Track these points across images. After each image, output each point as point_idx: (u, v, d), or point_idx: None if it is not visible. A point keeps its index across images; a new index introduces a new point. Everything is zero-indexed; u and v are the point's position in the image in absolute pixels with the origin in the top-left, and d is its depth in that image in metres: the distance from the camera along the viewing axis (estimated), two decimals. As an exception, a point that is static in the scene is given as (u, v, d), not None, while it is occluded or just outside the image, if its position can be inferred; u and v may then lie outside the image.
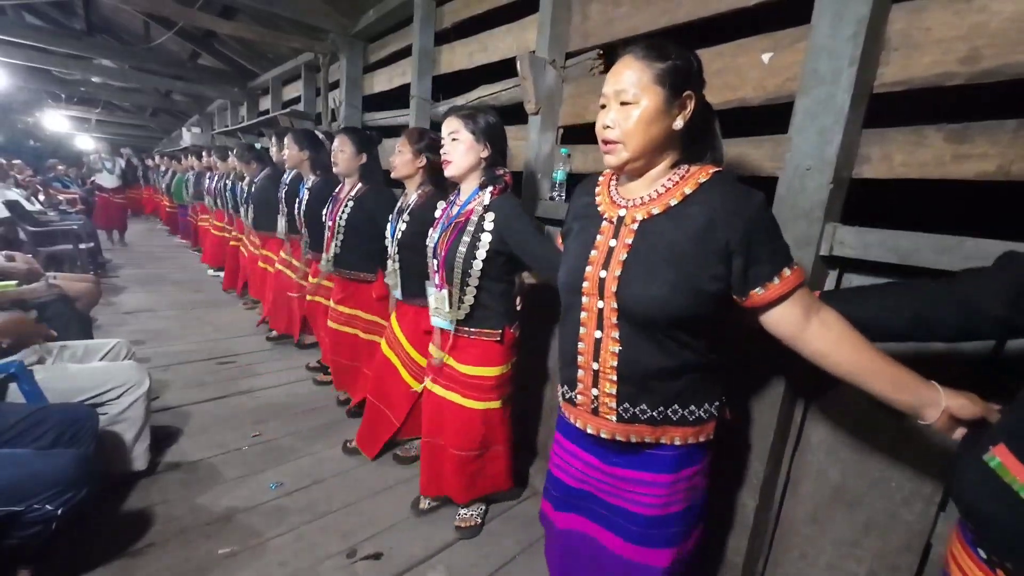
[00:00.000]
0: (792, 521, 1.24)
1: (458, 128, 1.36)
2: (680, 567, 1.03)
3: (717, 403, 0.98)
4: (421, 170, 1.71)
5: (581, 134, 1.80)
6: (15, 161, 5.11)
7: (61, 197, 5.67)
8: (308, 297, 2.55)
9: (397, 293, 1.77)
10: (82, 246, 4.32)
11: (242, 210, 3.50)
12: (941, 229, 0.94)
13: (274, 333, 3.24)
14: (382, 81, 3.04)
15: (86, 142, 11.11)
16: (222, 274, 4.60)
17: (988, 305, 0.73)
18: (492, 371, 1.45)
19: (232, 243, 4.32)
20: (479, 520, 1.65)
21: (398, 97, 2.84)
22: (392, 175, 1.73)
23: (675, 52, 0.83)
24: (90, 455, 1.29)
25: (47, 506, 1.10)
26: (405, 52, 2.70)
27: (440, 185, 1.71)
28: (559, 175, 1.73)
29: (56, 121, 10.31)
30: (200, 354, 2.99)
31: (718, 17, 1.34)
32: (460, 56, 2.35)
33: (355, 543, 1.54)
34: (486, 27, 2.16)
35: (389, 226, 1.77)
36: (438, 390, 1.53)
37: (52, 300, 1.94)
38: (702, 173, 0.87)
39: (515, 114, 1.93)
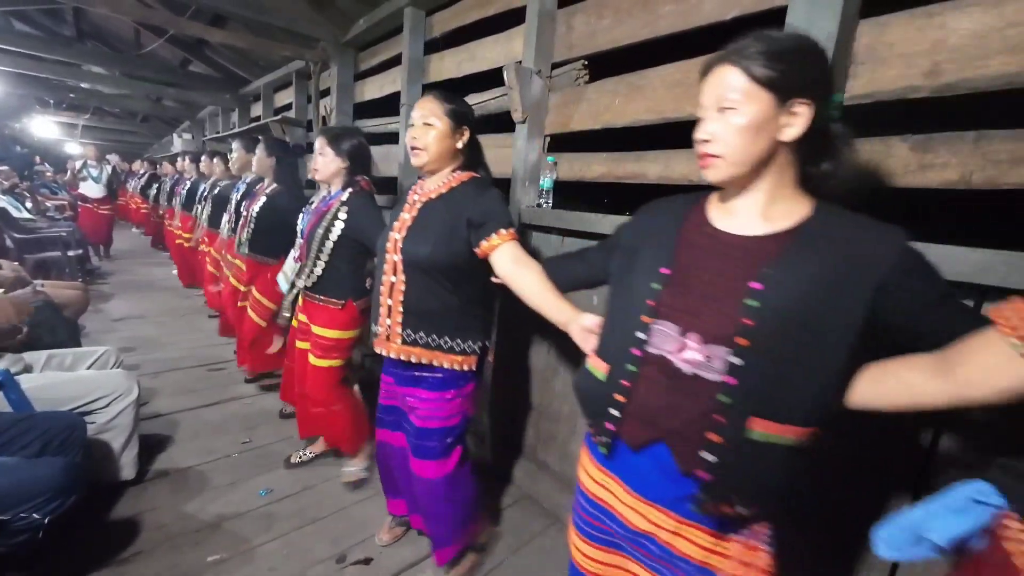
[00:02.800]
0: None
1: (322, 146, 1.71)
2: (445, 483, 1.36)
3: (480, 343, 1.34)
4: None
5: (567, 142, 1.84)
6: (1, 168, 5.05)
7: (49, 203, 5.62)
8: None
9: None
10: (70, 253, 4.29)
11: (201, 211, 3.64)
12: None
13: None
14: (373, 89, 3.07)
15: (75, 148, 11.02)
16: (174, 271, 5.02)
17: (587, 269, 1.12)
18: (333, 333, 1.71)
19: (178, 241, 4.61)
20: (366, 473, 1.92)
21: (388, 105, 2.87)
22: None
23: None
24: (78, 463, 1.29)
25: (34, 515, 1.11)
26: (395, 61, 2.73)
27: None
28: (546, 183, 1.77)
29: (44, 127, 10.23)
30: (190, 360, 2.98)
31: (697, 30, 1.38)
32: (449, 65, 2.38)
33: (345, 548, 1.55)
34: (475, 37, 2.20)
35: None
36: (302, 345, 1.85)
37: (39, 308, 1.94)
38: (465, 176, 1.30)
39: (503, 122, 1.96)
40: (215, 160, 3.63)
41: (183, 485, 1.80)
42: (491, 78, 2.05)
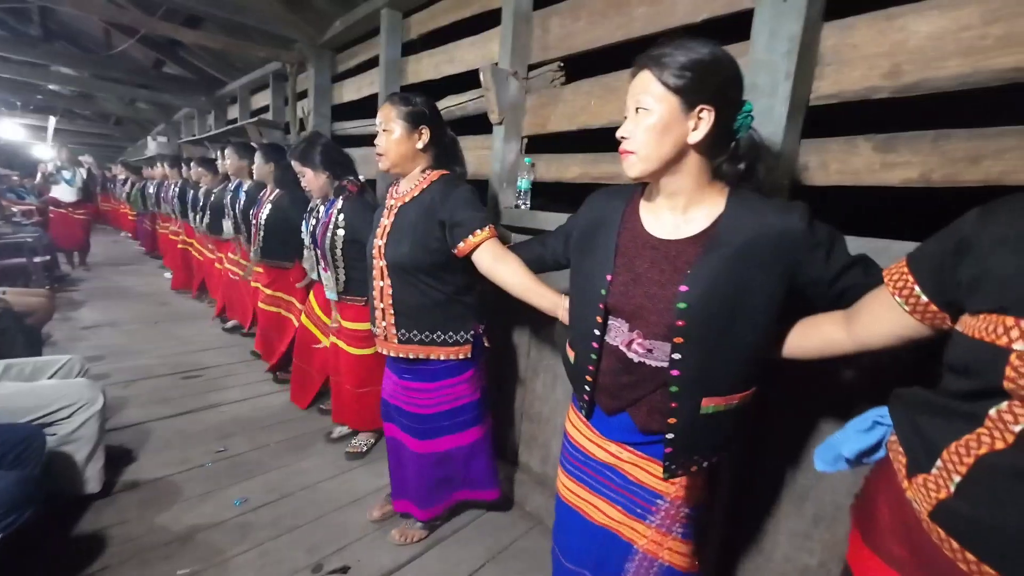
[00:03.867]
0: (747, 517, 1.27)
1: (299, 168, 1.86)
2: (459, 456, 1.52)
3: (472, 332, 1.42)
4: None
5: (545, 144, 1.84)
6: None
7: (15, 209, 5.41)
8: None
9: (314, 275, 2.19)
10: (36, 259, 4.14)
11: (194, 216, 3.86)
12: (875, 234, 1.00)
13: (229, 324, 3.64)
14: (351, 91, 3.04)
15: (46, 152, 10.66)
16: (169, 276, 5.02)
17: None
18: (363, 326, 1.89)
19: (180, 246, 4.64)
20: (364, 448, 2.11)
21: (367, 107, 2.84)
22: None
23: None
24: (35, 477, 1.24)
25: (-12, 531, 1.06)
26: (373, 62, 2.71)
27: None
28: (524, 184, 1.76)
29: (11, 129, 9.87)
30: (164, 369, 2.90)
31: (670, 32, 1.39)
32: (427, 67, 2.37)
33: (321, 557, 1.52)
34: (452, 39, 2.19)
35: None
36: (337, 341, 2.03)
37: (-1, 316, 1.86)
38: (435, 175, 1.35)
39: (481, 124, 1.96)
40: (201, 168, 3.67)
41: (153, 497, 1.74)
42: (470, 79, 2.04)
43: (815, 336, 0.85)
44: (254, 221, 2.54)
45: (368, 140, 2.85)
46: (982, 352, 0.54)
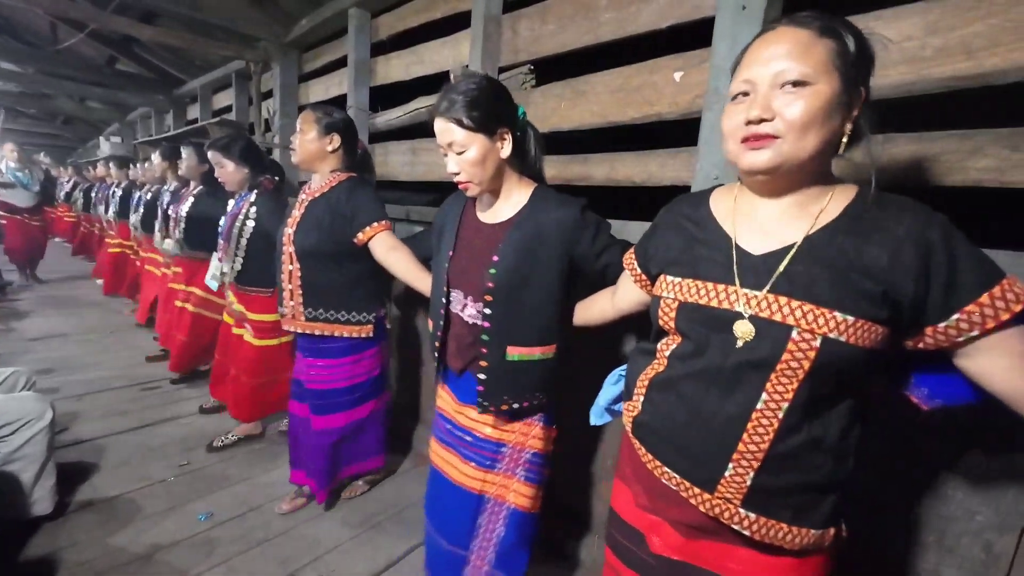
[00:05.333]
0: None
1: (219, 159, 1.93)
2: (353, 429, 1.67)
3: (374, 314, 1.60)
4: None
5: (517, 145, 1.85)
6: None
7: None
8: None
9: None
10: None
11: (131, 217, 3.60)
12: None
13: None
14: (318, 91, 2.97)
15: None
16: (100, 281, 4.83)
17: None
18: (269, 317, 1.95)
19: (112, 250, 4.41)
20: (261, 430, 2.26)
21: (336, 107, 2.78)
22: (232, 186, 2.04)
23: None
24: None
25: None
26: (341, 62, 2.66)
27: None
28: (496, 185, 1.76)
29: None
30: (120, 381, 2.76)
31: (636, 37, 1.43)
32: (396, 68, 2.35)
33: (294, 569, 1.48)
34: (422, 40, 2.18)
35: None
36: (240, 332, 2.11)
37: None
38: (343, 176, 1.54)
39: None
40: (145, 165, 3.48)
41: (110, 516, 1.65)
42: (440, 81, 2.03)
43: (594, 308, 1.09)
44: (173, 215, 2.58)
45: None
46: (654, 303, 0.79)
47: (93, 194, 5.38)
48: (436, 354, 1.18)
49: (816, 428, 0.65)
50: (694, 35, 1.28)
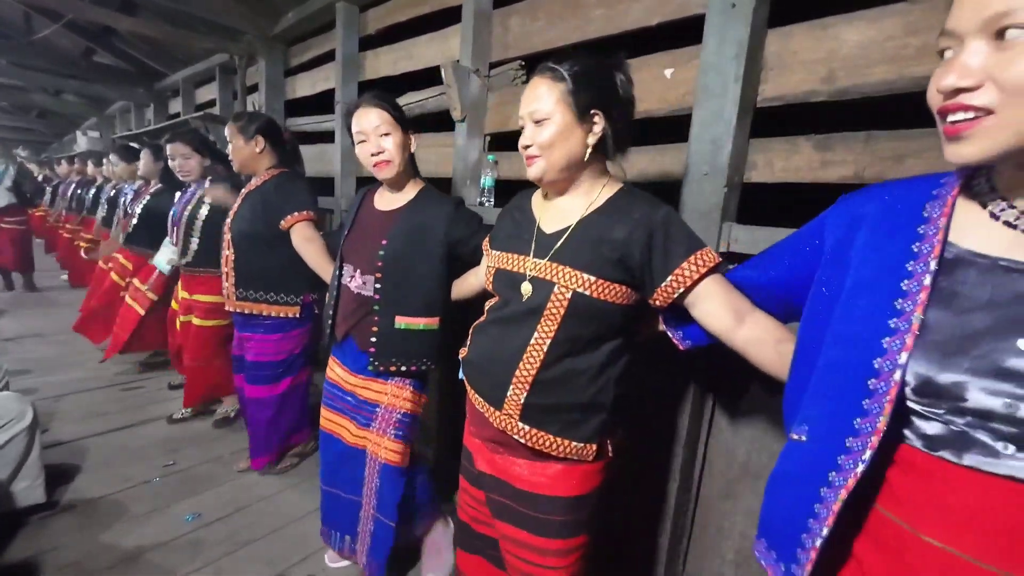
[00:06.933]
0: (708, 498, 1.34)
1: (186, 152, 2.11)
2: (273, 404, 1.84)
3: (301, 296, 1.78)
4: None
5: (507, 141, 1.85)
6: None
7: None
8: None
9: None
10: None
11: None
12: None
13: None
14: (305, 86, 2.93)
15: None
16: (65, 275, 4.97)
17: None
18: (214, 298, 2.05)
19: (76, 243, 4.34)
20: (232, 414, 2.35)
21: (324, 102, 2.75)
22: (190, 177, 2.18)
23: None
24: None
25: None
26: (329, 57, 2.62)
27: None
28: (487, 181, 1.76)
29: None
30: (100, 381, 2.69)
31: (626, 34, 1.44)
32: (385, 63, 2.32)
33: (283, 569, 1.46)
34: (411, 35, 2.16)
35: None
36: (185, 317, 2.22)
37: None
38: (275, 172, 1.74)
39: (441, 121, 1.94)
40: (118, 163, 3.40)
41: (93, 517, 1.61)
42: (429, 76, 2.02)
43: (466, 284, 1.30)
44: (129, 211, 2.69)
45: (324, 137, 2.77)
46: (486, 272, 1.01)
47: (63, 190, 5.21)
48: (329, 321, 1.37)
49: (577, 361, 0.88)
50: (683, 32, 1.29)
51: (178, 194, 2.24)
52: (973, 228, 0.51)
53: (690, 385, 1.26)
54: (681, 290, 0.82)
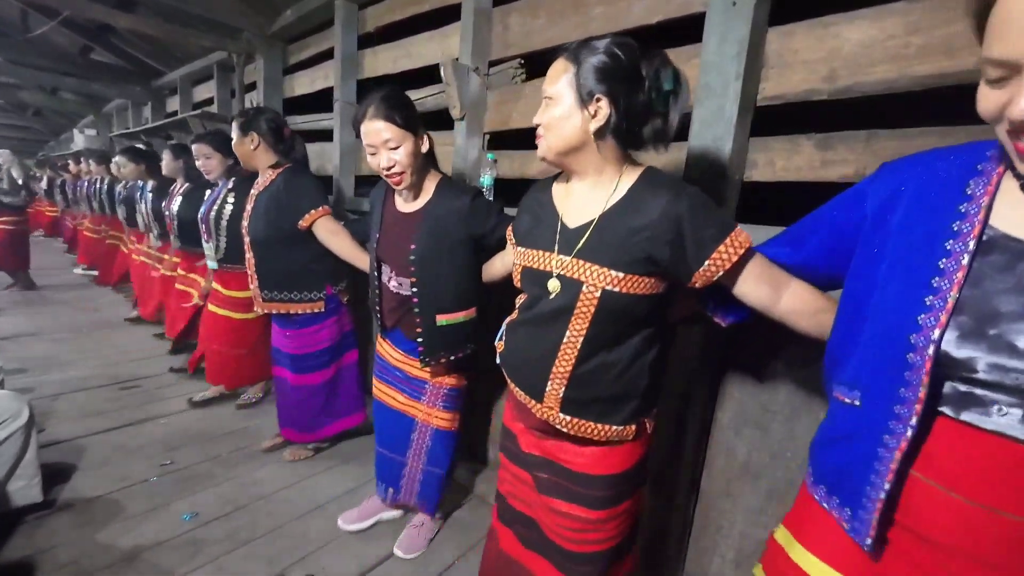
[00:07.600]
0: (708, 498, 1.34)
1: (210, 151, 2.14)
2: (327, 387, 1.93)
3: (325, 292, 1.81)
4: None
5: (507, 140, 1.85)
6: None
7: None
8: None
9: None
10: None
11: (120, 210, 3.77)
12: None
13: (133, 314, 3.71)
14: (303, 84, 2.92)
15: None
16: (94, 272, 5.12)
17: None
18: (244, 293, 2.13)
19: (109, 242, 4.66)
20: (254, 400, 2.47)
21: (323, 100, 2.74)
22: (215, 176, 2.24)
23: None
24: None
25: None
26: (327, 55, 2.62)
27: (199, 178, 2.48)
28: (486, 180, 1.76)
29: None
30: (98, 380, 2.68)
31: (627, 32, 1.43)
32: (384, 61, 2.32)
33: (283, 568, 1.45)
34: (410, 33, 2.15)
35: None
36: (217, 309, 2.31)
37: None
38: (280, 169, 1.74)
39: (442, 119, 1.94)
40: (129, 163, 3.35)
41: (90, 517, 1.60)
42: (428, 75, 2.02)
43: (494, 267, 1.34)
44: (167, 213, 2.70)
45: (322, 135, 2.76)
46: (514, 269, 1.01)
47: (71, 189, 5.24)
48: (376, 314, 1.47)
49: (611, 354, 0.89)
50: (684, 31, 1.29)
51: (208, 192, 2.29)
52: (1011, 210, 0.53)
53: (690, 385, 1.26)
54: (720, 273, 0.82)
